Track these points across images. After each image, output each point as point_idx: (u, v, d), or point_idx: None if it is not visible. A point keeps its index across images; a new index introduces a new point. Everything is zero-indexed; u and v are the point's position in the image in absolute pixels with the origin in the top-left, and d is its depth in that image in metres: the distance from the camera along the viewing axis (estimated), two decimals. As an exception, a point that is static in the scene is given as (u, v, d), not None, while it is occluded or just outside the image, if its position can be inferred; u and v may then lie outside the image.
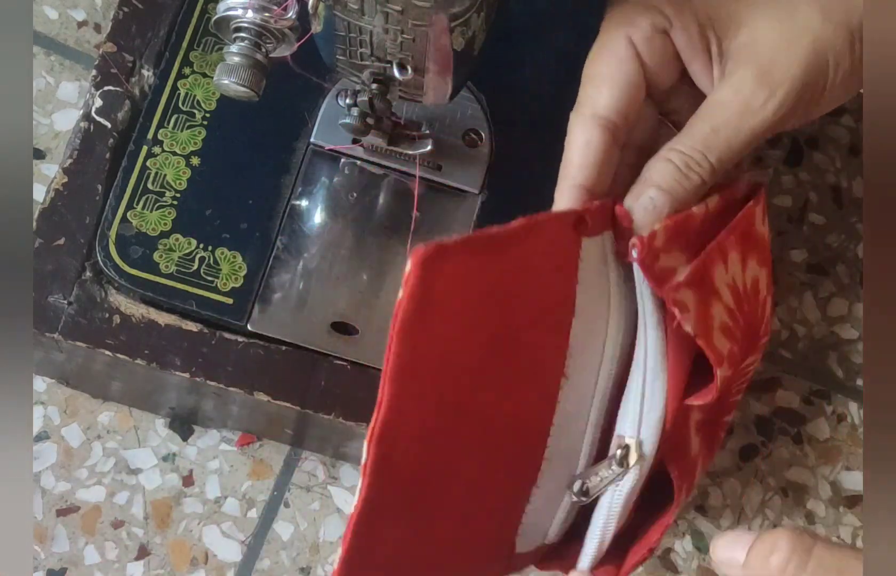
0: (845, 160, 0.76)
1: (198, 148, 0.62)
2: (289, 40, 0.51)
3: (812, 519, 0.69)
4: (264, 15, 0.50)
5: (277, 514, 0.68)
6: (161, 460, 0.68)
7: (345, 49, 0.53)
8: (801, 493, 0.70)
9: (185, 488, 0.67)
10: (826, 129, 0.77)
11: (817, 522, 0.69)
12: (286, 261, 0.61)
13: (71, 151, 0.62)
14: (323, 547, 0.67)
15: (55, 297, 0.59)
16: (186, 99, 0.63)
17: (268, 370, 0.60)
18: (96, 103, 0.63)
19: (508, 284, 0.48)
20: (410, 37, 0.51)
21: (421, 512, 0.51)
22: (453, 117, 0.63)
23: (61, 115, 0.73)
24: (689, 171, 0.51)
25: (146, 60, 0.64)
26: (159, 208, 0.61)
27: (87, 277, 0.60)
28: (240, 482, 0.68)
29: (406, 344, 0.46)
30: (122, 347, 0.59)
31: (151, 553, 0.66)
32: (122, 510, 0.67)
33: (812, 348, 0.73)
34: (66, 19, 0.75)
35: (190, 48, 0.64)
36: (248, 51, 0.50)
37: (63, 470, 0.67)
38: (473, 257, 0.46)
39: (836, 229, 0.75)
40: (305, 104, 0.64)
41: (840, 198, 0.76)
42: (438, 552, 0.53)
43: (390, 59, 0.53)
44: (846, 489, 0.70)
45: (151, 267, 0.60)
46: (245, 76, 0.51)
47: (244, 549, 0.67)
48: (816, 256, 0.75)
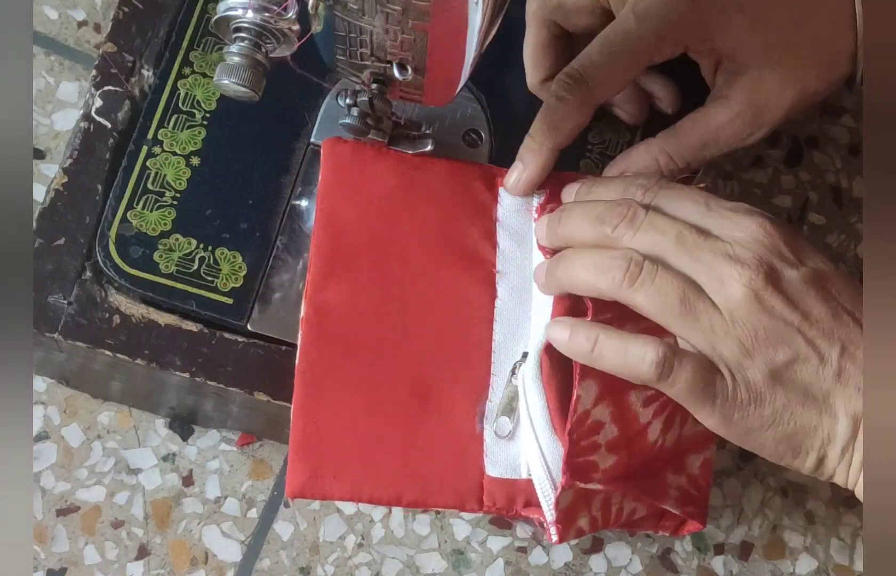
0: (845, 160, 0.76)
1: (198, 148, 0.62)
2: (289, 40, 0.51)
3: (812, 519, 0.69)
4: (264, 15, 0.50)
5: (277, 514, 0.68)
6: (161, 460, 0.68)
7: (345, 49, 0.53)
8: (800, 493, 0.70)
9: (184, 488, 0.67)
10: (826, 129, 0.77)
11: (817, 522, 0.69)
12: (286, 261, 0.61)
13: (71, 151, 0.62)
14: (323, 547, 0.67)
15: (55, 297, 0.59)
16: (186, 99, 0.63)
17: (268, 370, 0.60)
18: (96, 103, 0.63)
19: (434, 187, 0.58)
20: (410, 37, 0.51)
21: (369, 380, 0.55)
22: (453, 117, 0.63)
23: (61, 115, 0.73)
24: (669, 172, 0.60)
25: (146, 60, 0.64)
26: (159, 208, 0.61)
27: (87, 277, 0.60)
28: (240, 482, 0.68)
29: (326, 209, 0.57)
30: (122, 347, 0.59)
31: (151, 553, 0.66)
32: (122, 510, 0.67)
33: (812, 348, 0.73)
34: (66, 19, 0.75)
35: (190, 48, 0.64)
36: (248, 51, 0.50)
37: (63, 470, 0.67)
38: (389, 158, 0.58)
39: (836, 229, 0.75)
40: (305, 104, 0.64)
41: (840, 198, 0.76)
42: (401, 438, 0.55)
43: (390, 59, 0.53)
44: (846, 489, 0.70)
45: (151, 267, 0.60)
46: (245, 76, 0.51)
47: (244, 549, 0.67)
48: (816, 256, 0.75)
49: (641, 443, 0.54)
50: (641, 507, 0.56)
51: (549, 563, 0.68)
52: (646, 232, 0.52)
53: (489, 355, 0.57)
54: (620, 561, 0.68)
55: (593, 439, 0.53)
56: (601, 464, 0.53)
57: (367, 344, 0.56)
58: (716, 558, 0.69)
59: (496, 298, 0.58)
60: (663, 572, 0.68)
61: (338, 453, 0.54)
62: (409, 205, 0.58)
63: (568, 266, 0.53)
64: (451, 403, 0.56)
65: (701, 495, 0.56)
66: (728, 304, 0.50)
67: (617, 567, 0.68)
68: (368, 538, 0.67)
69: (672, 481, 0.55)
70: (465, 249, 0.58)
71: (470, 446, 0.55)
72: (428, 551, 0.68)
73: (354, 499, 0.54)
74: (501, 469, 0.55)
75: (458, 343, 0.57)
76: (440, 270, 0.58)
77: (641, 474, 0.54)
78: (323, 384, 0.55)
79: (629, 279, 0.51)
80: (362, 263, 0.57)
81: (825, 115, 0.77)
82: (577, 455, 0.52)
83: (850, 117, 0.77)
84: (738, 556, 0.69)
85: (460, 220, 0.58)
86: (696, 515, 0.56)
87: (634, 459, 0.54)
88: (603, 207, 0.53)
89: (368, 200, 0.58)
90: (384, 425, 0.55)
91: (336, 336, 0.56)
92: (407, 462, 0.55)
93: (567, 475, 0.52)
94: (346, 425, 0.55)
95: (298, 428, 0.55)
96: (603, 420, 0.53)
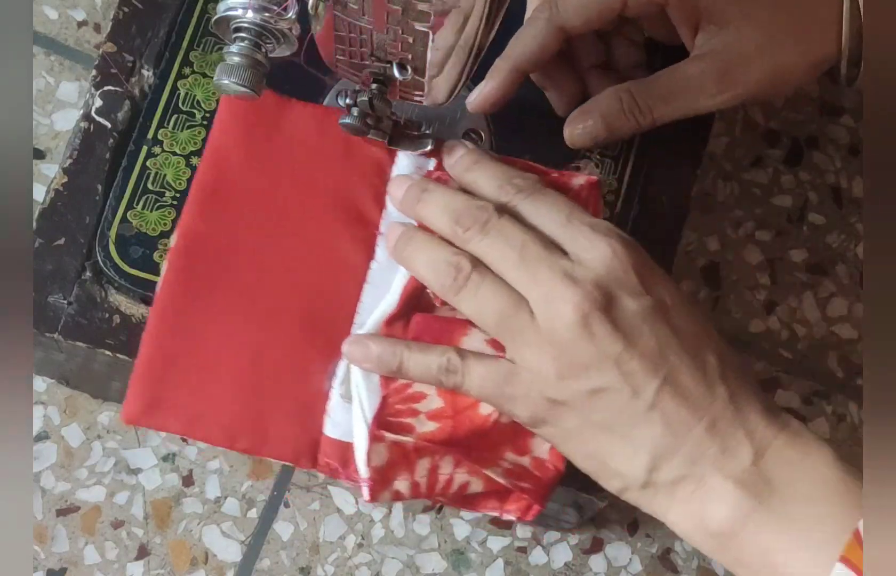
0: (845, 160, 0.76)
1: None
2: (289, 40, 0.51)
3: (812, 519, 0.69)
4: (264, 15, 0.50)
5: (277, 514, 0.68)
6: (161, 460, 0.68)
7: (345, 49, 0.53)
8: (801, 493, 0.70)
9: (185, 488, 0.67)
10: (826, 129, 0.77)
11: (817, 522, 0.69)
12: (286, 261, 0.61)
13: (71, 151, 0.62)
14: (323, 547, 0.67)
15: (55, 297, 0.59)
16: (186, 99, 0.63)
17: (268, 370, 0.60)
18: (96, 103, 0.63)
19: (331, 142, 0.58)
20: (410, 37, 0.51)
21: (229, 320, 0.56)
22: (453, 117, 0.63)
23: (61, 115, 0.73)
24: (631, 114, 0.59)
25: (146, 60, 0.64)
26: (159, 208, 0.61)
27: (87, 277, 0.60)
28: (240, 482, 0.68)
29: (215, 146, 0.58)
30: (122, 347, 0.59)
31: (151, 553, 0.66)
32: (122, 510, 0.67)
33: (812, 348, 0.73)
34: (66, 19, 0.75)
35: (190, 48, 0.64)
36: (248, 51, 0.50)
37: (63, 470, 0.67)
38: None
39: (836, 229, 0.75)
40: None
41: (840, 198, 0.76)
42: (248, 383, 0.55)
43: (390, 59, 0.53)
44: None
45: (151, 267, 0.60)
46: (245, 76, 0.51)
47: (244, 549, 0.67)
48: (816, 256, 0.75)
49: (471, 416, 0.54)
50: (477, 481, 0.55)
51: (549, 563, 0.68)
52: (493, 239, 0.52)
53: (353, 316, 0.57)
54: (620, 561, 0.68)
55: (412, 406, 0.54)
56: (418, 428, 0.54)
57: (233, 284, 0.57)
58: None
59: (373, 259, 0.58)
60: (663, 572, 0.68)
61: (180, 386, 0.55)
62: (302, 156, 0.59)
63: (412, 253, 0.55)
64: (306, 357, 0.56)
65: (545, 477, 0.55)
66: (550, 322, 0.51)
67: (617, 567, 0.68)
68: (368, 538, 0.67)
69: (510, 459, 0.55)
70: (352, 207, 0.58)
71: (314, 403, 0.56)
72: (428, 551, 0.68)
73: (187, 435, 0.55)
74: (340, 432, 0.55)
75: (324, 299, 0.57)
76: (321, 224, 0.58)
77: (474, 446, 0.54)
78: (180, 315, 0.56)
79: (454, 288, 0.52)
80: (242, 204, 0.58)
81: (825, 115, 0.77)
82: (392, 415, 0.53)
83: (850, 117, 0.77)
84: (738, 556, 0.69)
85: (353, 177, 0.59)
86: (533, 493, 0.55)
87: (461, 430, 0.54)
88: (462, 206, 0.54)
89: (260, 146, 0.59)
90: (233, 367, 0.56)
91: (202, 271, 0.57)
92: (248, 407, 0.55)
93: (374, 425, 0.53)
94: (196, 361, 0.55)
95: (145, 355, 0.55)
96: (427, 392, 0.54)
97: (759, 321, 0.74)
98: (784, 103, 0.77)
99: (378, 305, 0.56)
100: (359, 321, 0.57)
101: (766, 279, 0.74)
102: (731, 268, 0.74)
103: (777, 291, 0.74)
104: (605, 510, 0.65)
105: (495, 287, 0.52)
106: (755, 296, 0.74)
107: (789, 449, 0.50)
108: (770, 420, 0.51)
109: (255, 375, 0.56)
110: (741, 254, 0.75)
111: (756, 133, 0.77)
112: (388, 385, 0.54)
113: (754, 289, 0.74)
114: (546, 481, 0.55)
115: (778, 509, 0.49)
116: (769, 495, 0.49)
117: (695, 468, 0.50)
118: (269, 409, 0.55)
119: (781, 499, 0.49)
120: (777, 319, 0.74)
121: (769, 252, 0.75)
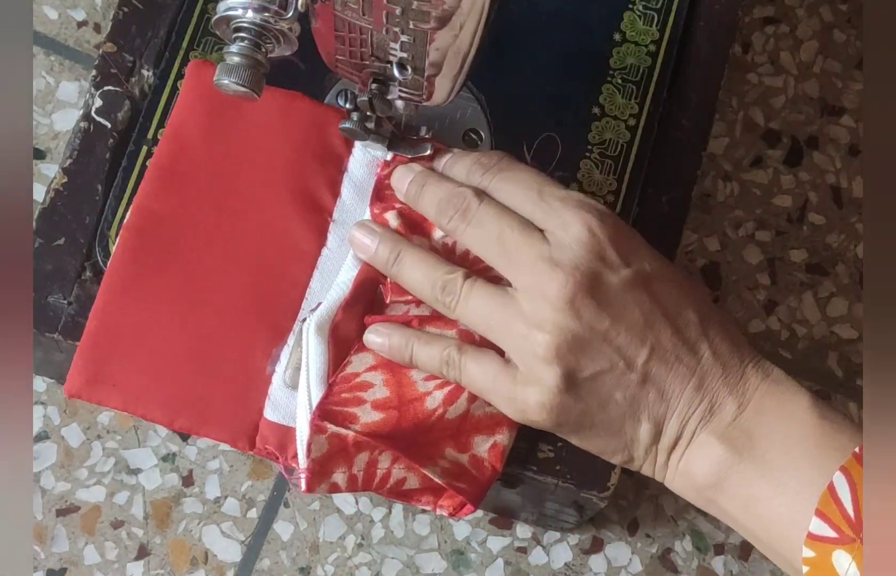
0: (845, 160, 0.76)
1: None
2: (289, 40, 0.51)
3: (812, 519, 0.69)
4: (264, 15, 0.50)
5: (277, 514, 0.68)
6: (161, 460, 0.68)
7: (345, 49, 0.53)
8: (801, 493, 0.70)
9: (184, 488, 0.68)
10: (826, 129, 0.77)
11: (817, 522, 0.69)
12: (286, 261, 0.61)
13: (71, 151, 0.62)
14: (323, 547, 0.67)
15: (55, 297, 0.59)
16: (186, 99, 0.63)
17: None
18: (96, 103, 0.63)
19: (291, 127, 0.59)
20: (410, 37, 0.51)
21: (177, 298, 0.56)
22: (453, 117, 0.63)
23: (61, 115, 0.73)
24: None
25: (146, 60, 0.64)
26: (159, 208, 0.61)
27: (87, 277, 0.60)
28: (240, 482, 0.68)
29: (175, 124, 0.59)
30: (122, 347, 0.59)
31: (151, 553, 0.66)
32: (122, 510, 0.67)
33: (812, 348, 0.73)
34: (66, 19, 0.75)
35: (190, 48, 0.64)
36: (248, 51, 0.50)
37: (63, 470, 0.67)
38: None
39: (836, 229, 0.75)
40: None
41: (840, 198, 0.76)
42: (191, 362, 0.56)
43: (390, 59, 0.53)
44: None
45: (151, 267, 0.60)
46: (245, 76, 0.51)
47: (244, 549, 0.67)
48: (816, 256, 0.75)
49: (417, 409, 0.54)
50: (414, 477, 0.55)
51: (549, 563, 0.68)
52: (474, 229, 0.54)
53: (300, 300, 0.57)
54: (620, 561, 0.68)
55: (358, 395, 0.54)
56: (363, 418, 0.54)
57: (184, 263, 0.57)
58: (716, 558, 0.69)
59: (324, 246, 0.58)
60: (663, 572, 0.68)
61: (124, 362, 0.55)
62: (260, 139, 0.59)
63: (401, 267, 0.55)
64: (251, 340, 0.56)
65: (482, 477, 0.55)
66: (537, 312, 0.51)
67: (617, 567, 0.68)
68: (368, 538, 0.67)
69: (450, 455, 0.55)
70: (306, 193, 0.59)
71: (255, 386, 0.56)
72: (428, 551, 0.68)
73: (127, 410, 0.55)
74: (280, 416, 0.56)
75: (273, 282, 0.57)
76: (275, 208, 0.58)
77: (416, 441, 0.55)
78: (129, 291, 0.56)
79: (444, 301, 0.54)
80: (198, 183, 0.58)
81: (825, 115, 0.77)
82: (336, 404, 0.54)
83: (850, 117, 0.77)
84: (738, 556, 0.69)
85: (309, 163, 0.59)
86: (468, 493, 0.55)
87: (406, 422, 0.54)
88: (446, 194, 0.55)
89: (221, 127, 0.59)
90: (178, 346, 0.56)
91: (154, 247, 0.57)
92: (189, 387, 0.56)
93: (316, 415, 0.53)
94: (141, 338, 0.56)
95: (91, 329, 0.56)
96: (373, 382, 0.54)
97: (758, 321, 0.74)
98: (784, 103, 0.77)
99: (327, 292, 0.57)
100: (306, 306, 0.57)
101: (766, 279, 0.74)
102: (731, 268, 0.74)
103: (777, 291, 0.74)
104: (605, 510, 0.65)
105: (483, 292, 0.53)
106: (755, 296, 0.74)
107: (768, 398, 0.51)
108: (752, 371, 0.52)
109: (199, 355, 0.56)
110: (741, 254, 0.75)
111: (756, 133, 0.77)
112: (337, 374, 0.54)
113: (754, 289, 0.74)
114: (483, 481, 0.55)
115: (758, 459, 0.50)
116: (750, 447, 0.51)
117: (686, 428, 0.52)
118: (210, 389, 0.56)
119: (760, 449, 0.51)
120: (777, 319, 0.74)
121: (769, 252, 0.75)
